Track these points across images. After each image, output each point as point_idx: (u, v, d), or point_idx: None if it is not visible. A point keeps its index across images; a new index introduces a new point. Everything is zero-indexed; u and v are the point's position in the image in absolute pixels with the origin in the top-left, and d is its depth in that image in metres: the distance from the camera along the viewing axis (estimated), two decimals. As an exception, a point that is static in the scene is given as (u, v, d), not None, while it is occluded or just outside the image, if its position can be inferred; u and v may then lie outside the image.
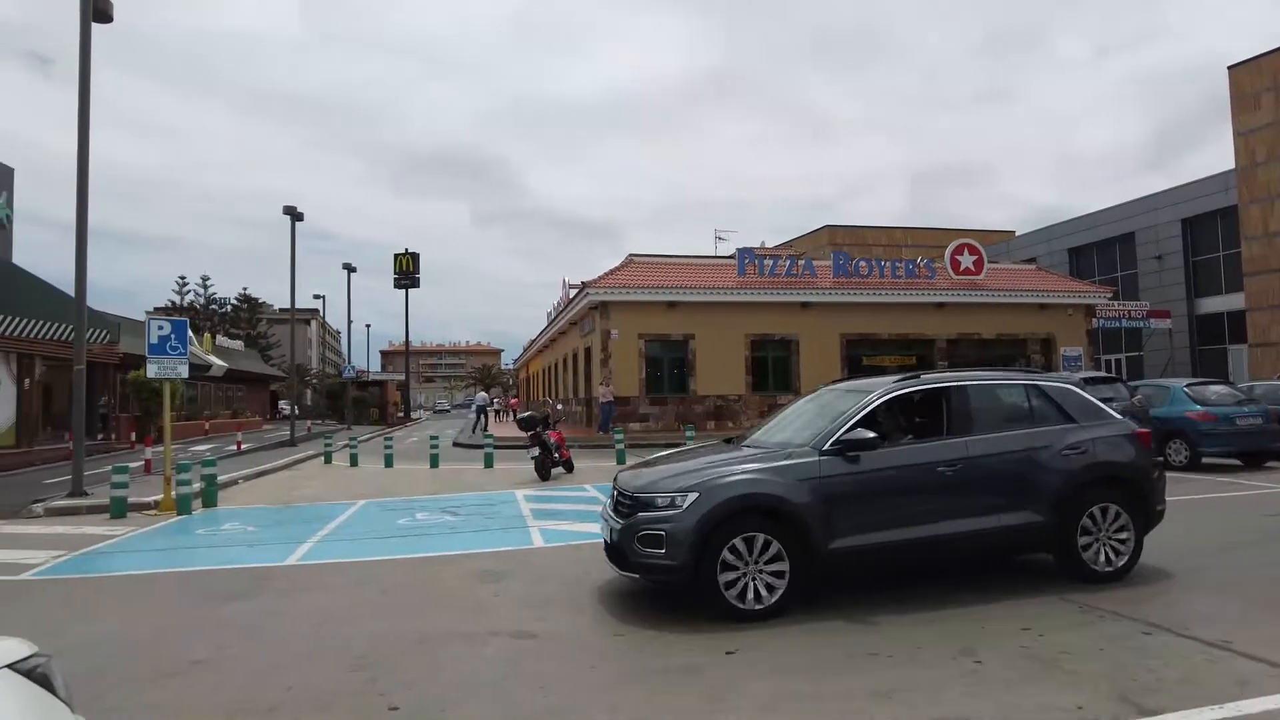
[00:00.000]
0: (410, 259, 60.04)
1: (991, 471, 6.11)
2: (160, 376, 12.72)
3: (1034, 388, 6.66)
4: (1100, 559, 6.24)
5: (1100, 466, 6.31)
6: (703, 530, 5.51)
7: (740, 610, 5.52)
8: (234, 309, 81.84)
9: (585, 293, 26.39)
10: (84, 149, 13.52)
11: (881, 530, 5.83)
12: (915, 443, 6.27)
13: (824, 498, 5.71)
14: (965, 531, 5.99)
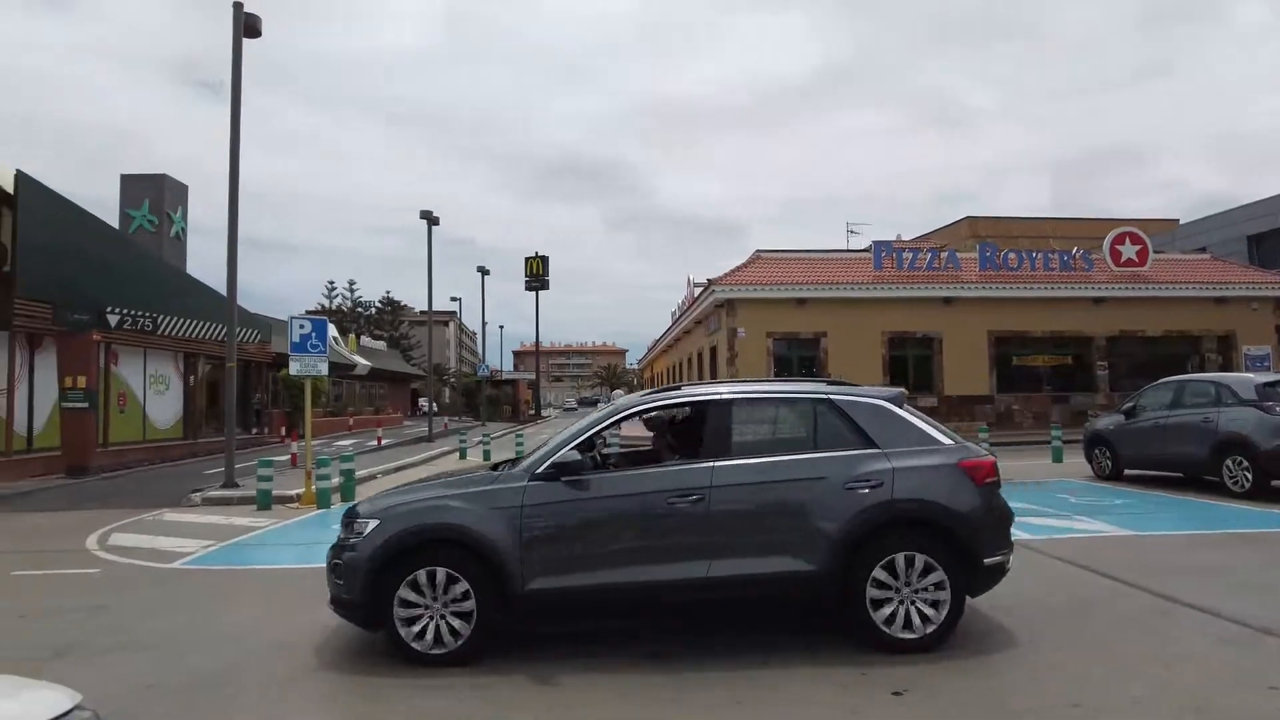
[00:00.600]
0: (540, 262, 61.35)
1: (743, 506, 4.99)
2: (301, 374, 13.12)
3: (826, 403, 5.34)
4: (900, 622, 4.91)
5: (901, 505, 4.98)
6: (377, 562, 4.85)
7: (418, 653, 4.82)
8: (378, 311, 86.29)
9: (711, 291, 25.79)
10: (235, 154, 14.17)
11: (590, 571, 4.88)
12: (645, 468, 5.36)
13: (522, 530, 4.88)
14: (701, 578, 4.87)
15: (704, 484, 4.97)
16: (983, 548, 5.00)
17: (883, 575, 4.90)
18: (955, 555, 4.95)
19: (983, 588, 5.16)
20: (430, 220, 30.77)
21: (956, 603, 4.94)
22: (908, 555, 4.92)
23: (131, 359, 20.45)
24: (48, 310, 16.39)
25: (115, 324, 18.21)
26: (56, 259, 16.66)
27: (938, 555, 4.93)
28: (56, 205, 17.00)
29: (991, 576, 5.10)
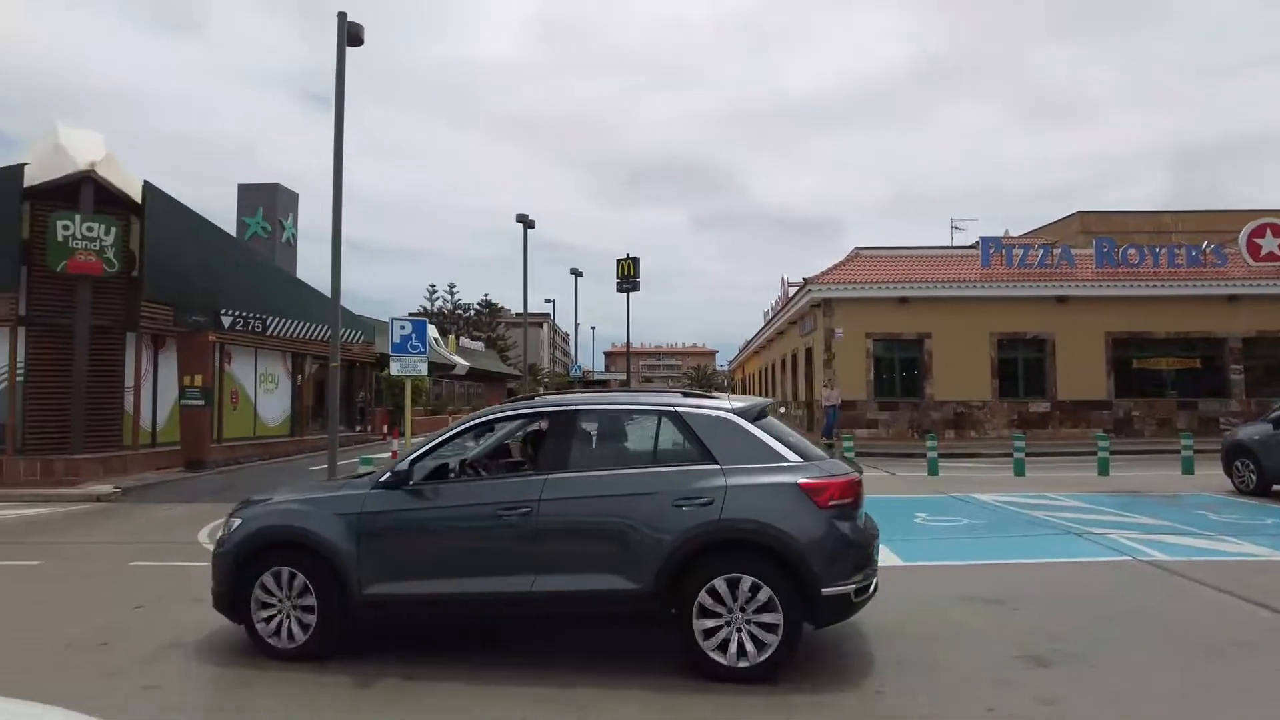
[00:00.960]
0: (631, 263, 61.24)
1: (569, 521, 4.87)
2: (402, 374, 13.36)
3: (671, 415, 5.09)
4: (731, 649, 4.58)
5: (730, 525, 4.64)
6: (239, 559, 5.16)
7: (270, 647, 5.09)
8: (476, 313, 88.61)
9: (807, 290, 25.13)
10: (339, 157, 14.54)
11: (424, 580, 4.96)
12: (484, 479, 5.38)
13: (360, 535, 5.02)
14: (524, 593, 4.80)
15: (534, 497, 4.91)
16: (820, 576, 4.57)
17: (710, 600, 4.63)
18: (790, 581, 4.60)
19: (827, 619, 4.79)
20: (526, 224, 31.16)
21: (791, 632, 4.58)
22: (735, 578, 4.62)
23: (243, 359, 21.41)
24: (169, 312, 17.29)
25: (229, 325, 19.08)
26: (177, 264, 17.55)
27: (770, 580, 4.60)
28: (178, 213, 17.92)
29: (835, 608, 4.67)
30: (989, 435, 24.08)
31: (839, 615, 4.79)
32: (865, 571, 4.78)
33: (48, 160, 16.37)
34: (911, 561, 7.74)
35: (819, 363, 25.56)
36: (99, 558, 8.89)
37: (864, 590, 4.75)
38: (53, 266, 15.38)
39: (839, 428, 23.52)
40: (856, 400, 24.36)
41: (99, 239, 15.68)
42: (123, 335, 16.82)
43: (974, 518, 10.31)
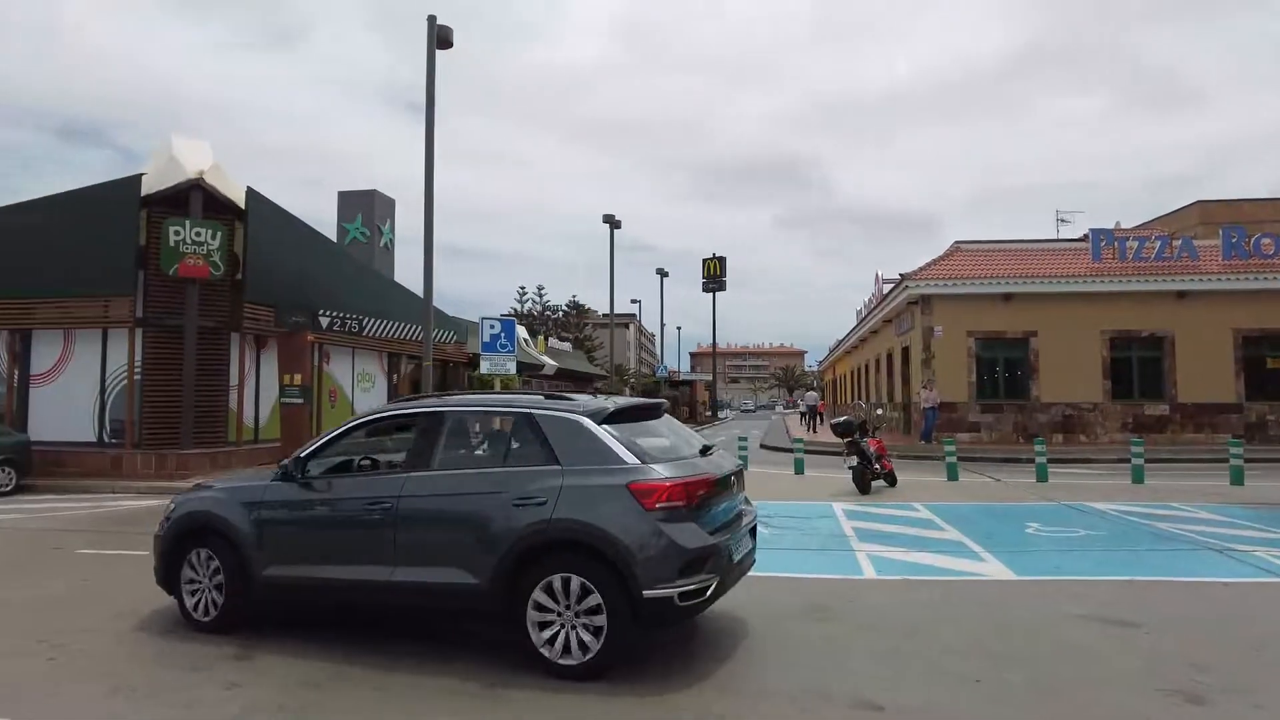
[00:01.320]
0: (717, 263, 61.04)
1: (422, 516, 5.14)
2: (491, 373, 13.41)
3: (525, 418, 5.23)
4: (559, 646, 4.70)
5: (559, 525, 4.74)
6: (169, 541, 5.88)
7: (194, 619, 5.74)
8: (564, 315, 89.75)
9: (903, 286, 24.18)
10: (430, 156, 14.76)
11: (310, 565, 5.41)
12: (361, 475, 5.70)
13: (259, 523, 5.60)
14: (386, 581, 5.13)
15: (395, 493, 5.22)
16: (641, 578, 4.56)
17: (543, 597, 4.75)
18: (615, 582, 4.62)
19: (654, 622, 4.73)
20: (612, 224, 31.19)
21: (616, 632, 4.62)
22: (565, 577, 4.72)
23: (341, 358, 22.04)
24: (270, 313, 17.90)
25: (326, 325, 19.64)
26: (278, 266, 18.16)
27: (597, 580, 4.65)
28: (278, 218, 18.56)
29: (659, 610, 4.60)
30: (1100, 440, 22.63)
31: (663, 619, 4.74)
32: (698, 576, 4.67)
33: (162, 170, 17.19)
34: (1026, 575, 7.15)
35: (916, 363, 24.57)
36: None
37: (693, 595, 4.65)
38: (165, 270, 16.12)
39: (938, 430, 22.56)
40: (957, 402, 23.29)
41: (206, 243, 16.36)
42: (228, 336, 17.51)
43: (1092, 528, 9.54)
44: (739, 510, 5.47)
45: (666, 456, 5.08)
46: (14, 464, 15.11)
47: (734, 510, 5.34)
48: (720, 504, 5.08)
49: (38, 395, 17.39)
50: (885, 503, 12.14)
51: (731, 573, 5.03)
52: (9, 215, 17.60)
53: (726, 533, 5.02)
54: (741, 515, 5.47)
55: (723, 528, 5.02)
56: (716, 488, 5.03)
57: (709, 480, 4.96)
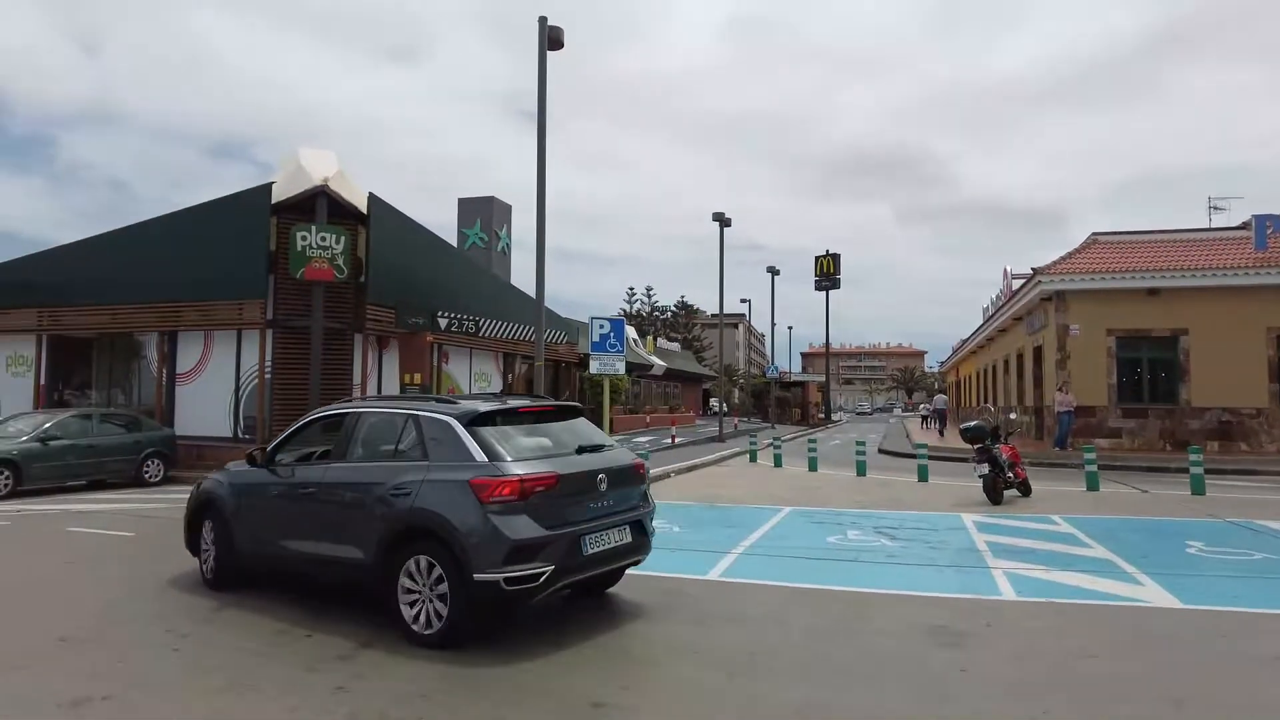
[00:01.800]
0: (831, 260, 59.50)
1: (334, 500, 6.04)
2: (600, 372, 13.29)
3: (411, 418, 6.00)
4: (421, 619, 5.39)
5: (418, 513, 5.46)
6: (189, 515, 7.26)
7: (204, 577, 7.04)
8: (672, 315, 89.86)
9: (1036, 281, 22.61)
10: (541, 157, 14.79)
11: (267, 540, 6.46)
12: (300, 465, 6.51)
13: (236, 503, 6.77)
14: (313, 554, 6.10)
15: (319, 480, 6.19)
16: (471, 562, 5.13)
17: (406, 579, 5.45)
18: (454, 565, 5.22)
19: (486, 599, 5.20)
20: (722, 222, 30.75)
21: (457, 608, 5.22)
22: (420, 559, 5.40)
23: (459, 358, 22.59)
24: (391, 314, 18.49)
25: (444, 326, 20.15)
26: (398, 269, 18.73)
27: (443, 563, 5.29)
28: (399, 222, 19.16)
29: (488, 592, 5.14)
30: (1265, 449, 20.46)
31: (492, 599, 5.21)
32: (527, 565, 5.13)
33: (290, 179, 18.04)
34: (1195, 604, 6.30)
35: (1050, 363, 22.96)
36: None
37: (519, 581, 5.11)
38: (293, 273, 16.87)
39: (1073, 436, 21.00)
40: (1095, 406, 21.59)
41: (330, 247, 17.02)
42: (351, 336, 18.18)
43: (1271, 551, 8.44)
44: (609, 506, 5.78)
45: (529, 455, 5.61)
46: (162, 456, 16.17)
47: (599, 505, 5.71)
48: (573, 499, 5.53)
49: (182, 393, 18.58)
50: (1019, 514, 11.24)
51: (581, 564, 5.46)
52: (157, 226, 18.90)
53: (577, 525, 5.45)
54: (613, 511, 5.80)
55: (574, 521, 5.45)
56: (562, 485, 5.44)
57: (549, 478, 5.39)
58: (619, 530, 5.80)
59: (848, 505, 12.34)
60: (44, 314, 20.03)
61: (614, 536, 5.75)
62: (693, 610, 6.21)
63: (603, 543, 5.63)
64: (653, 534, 6.27)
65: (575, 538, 5.40)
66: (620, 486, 5.91)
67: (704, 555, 8.29)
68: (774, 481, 16.02)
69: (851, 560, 8.06)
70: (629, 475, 6.05)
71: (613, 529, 5.74)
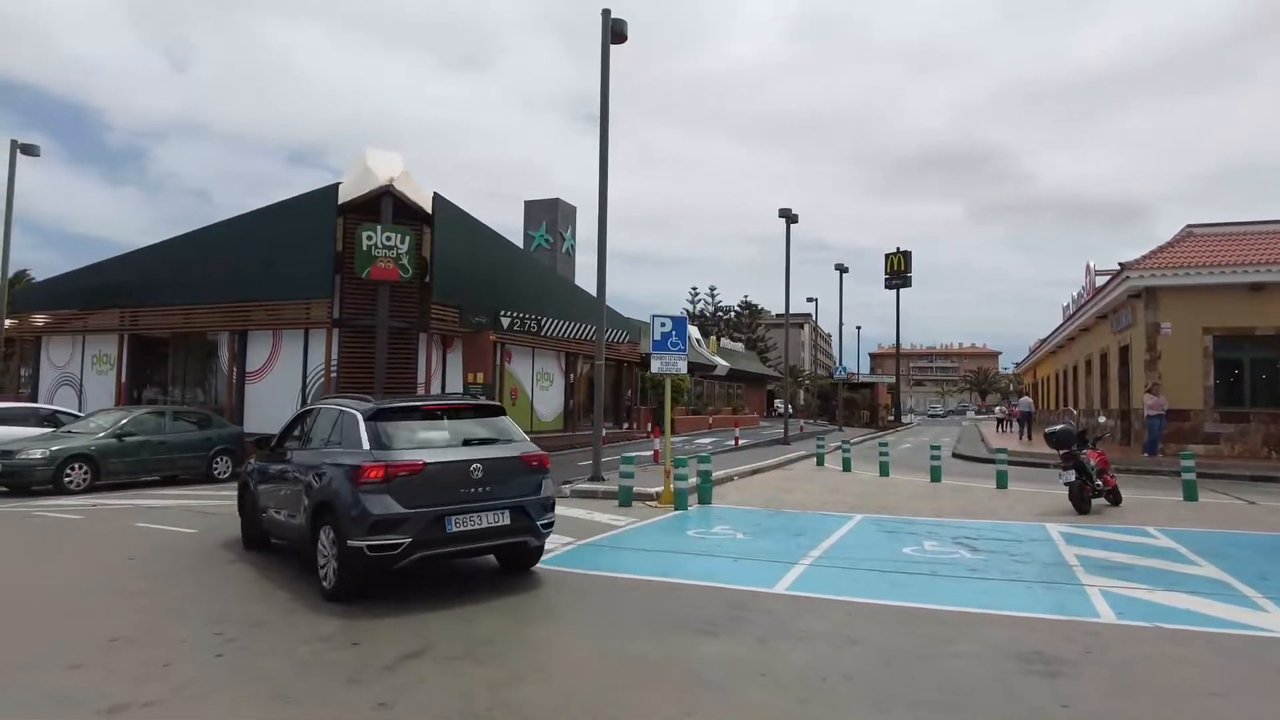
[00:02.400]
0: (902, 258, 57.91)
1: (293, 479, 7.40)
2: (662, 372, 12.92)
3: (340, 413, 7.24)
4: (327, 576, 6.51)
5: (324, 491, 6.67)
6: (238, 490, 9.03)
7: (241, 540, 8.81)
8: (736, 315, 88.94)
9: (1123, 277, 21.34)
10: (604, 148, 14.49)
11: (261, 509, 8.23)
12: (284, 452, 8.03)
13: (252, 482, 8.55)
14: (278, 521, 7.77)
15: (285, 464, 7.72)
16: (346, 531, 6.24)
17: (319, 543, 6.64)
18: (338, 534, 6.32)
19: (357, 563, 6.22)
20: (789, 219, 30.06)
21: (344, 569, 6.31)
22: (327, 528, 6.52)
23: (522, 357, 22.55)
24: (455, 314, 18.52)
25: (507, 325, 20.11)
26: (462, 269, 18.76)
27: (335, 532, 6.38)
28: (463, 222, 19.18)
29: (355, 557, 6.19)
30: (1384, 457, 18.85)
31: (360, 563, 6.22)
32: (385, 536, 6.17)
33: (357, 180, 18.23)
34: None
35: (1138, 364, 21.68)
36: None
37: (380, 549, 6.18)
38: (359, 273, 17.01)
39: (1164, 442, 19.75)
40: (1189, 409, 20.27)
41: (396, 247, 17.10)
42: (416, 335, 18.26)
43: (1406, 573, 7.56)
44: (484, 492, 6.65)
45: (411, 446, 6.66)
46: (230, 454, 16.47)
47: (472, 491, 6.59)
48: (441, 484, 6.46)
49: (251, 391, 18.96)
50: (1110, 525, 10.46)
51: (444, 539, 6.40)
52: (228, 228, 19.34)
53: (442, 507, 6.40)
54: (490, 497, 6.66)
55: (439, 503, 6.41)
56: (428, 471, 6.44)
57: (415, 465, 6.42)
58: (495, 514, 6.65)
59: (922, 513, 11.71)
60: (125, 314, 20.73)
61: (487, 519, 6.60)
62: (759, 626, 5.80)
63: (471, 523, 6.51)
64: (542, 520, 7.02)
65: (438, 516, 6.36)
66: (500, 475, 6.76)
67: (770, 565, 7.85)
68: (843, 487, 15.42)
69: (929, 574, 7.51)
70: (513, 466, 6.92)
71: (486, 512, 6.61)
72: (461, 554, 6.88)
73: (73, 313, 21.68)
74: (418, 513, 6.27)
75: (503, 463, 6.84)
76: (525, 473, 7.00)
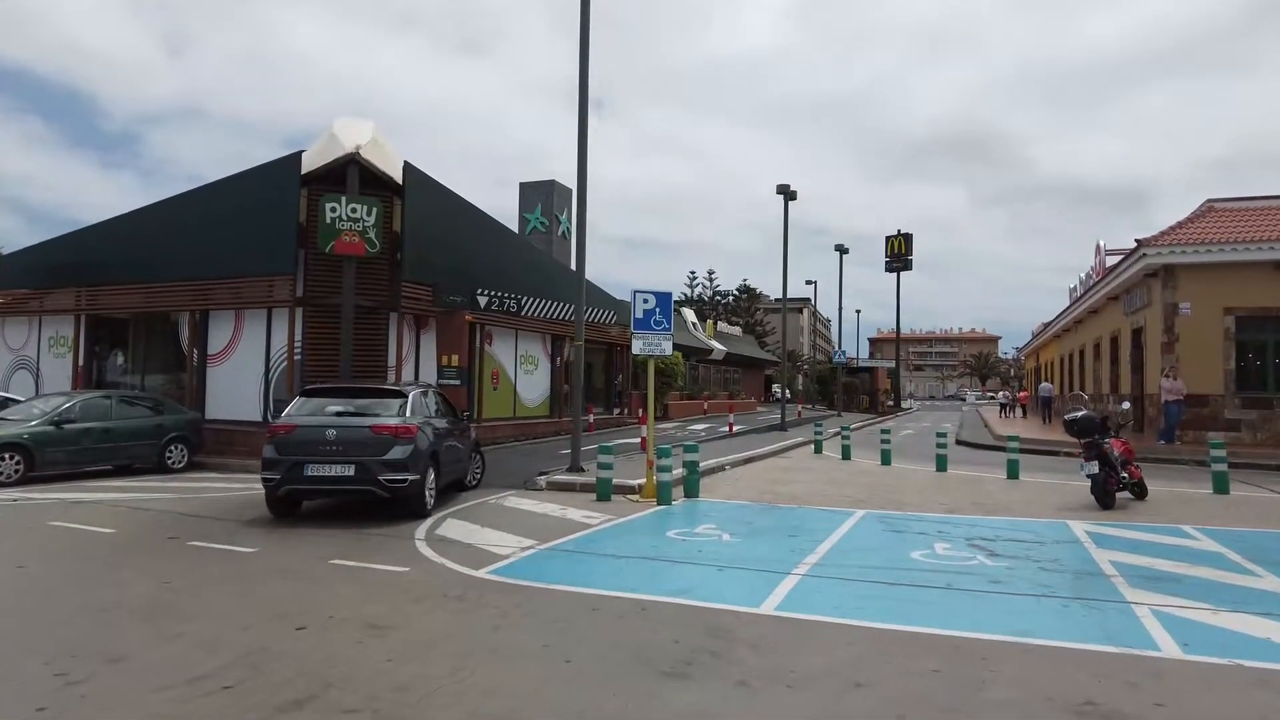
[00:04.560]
0: (902, 240, 56.69)
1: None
2: (645, 353, 11.78)
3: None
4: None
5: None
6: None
7: None
8: (735, 300, 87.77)
9: (1139, 254, 20.15)
10: (584, 104, 13.30)
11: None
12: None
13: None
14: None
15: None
16: (262, 471, 9.50)
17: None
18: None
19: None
20: (786, 194, 28.82)
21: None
22: None
23: (504, 340, 21.36)
24: (428, 292, 17.29)
25: (485, 305, 18.89)
26: (436, 244, 17.54)
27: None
28: (437, 194, 17.92)
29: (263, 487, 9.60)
30: None
31: (264, 492, 9.69)
32: (269, 473, 9.34)
33: (322, 148, 16.96)
34: None
35: (1153, 346, 20.55)
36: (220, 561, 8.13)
37: (265, 483, 9.49)
38: (322, 248, 15.79)
39: (1181, 429, 18.67)
40: (1208, 395, 19.15)
41: (362, 219, 15.88)
42: (386, 315, 17.05)
43: None
44: (337, 451, 9.14)
45: (306, 414, 9.56)
46: (185, 441, 15.34)
47: (328, 449, 9.12)
48: (307, 442, 9.14)
49: (214, 374, 17.77)
50: (1141, 523, 9.36)
51: (302, 479, 9.16)
52: (187, 200, 18.08)
53: (303, 457, 9.12)
54: (341, 455, 9.13)
55: (301, 455, 9.13)
56: (299, 432, 9.21)
57: (289, 427, 9.31)
58: (343, 467, 9.07)
59: (931, 508, 10.61)
60: (82, 294, 19.51)
61: (336, 470, 9.08)
62: (742, 664, 4.66)
63: (323, 471, 9.07)
64: (384, 475, 9.08)
65: (299, 463, 9.10)
66: (352, 440, 9.16)
67: (759, 576, 6.74)
68: (842, 477, 14.34)
69: (944, 586, 6.39)
70: (364, 434, 9.20)
71: (336, 465, 9.07)
72: (320, 494, 9.58)
73: (29, 292, 20.45)
74: (286, 459, 9.19)
75: (354, 430, 9.25)
76: (374, 440, 9.16)
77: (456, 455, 11.04)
